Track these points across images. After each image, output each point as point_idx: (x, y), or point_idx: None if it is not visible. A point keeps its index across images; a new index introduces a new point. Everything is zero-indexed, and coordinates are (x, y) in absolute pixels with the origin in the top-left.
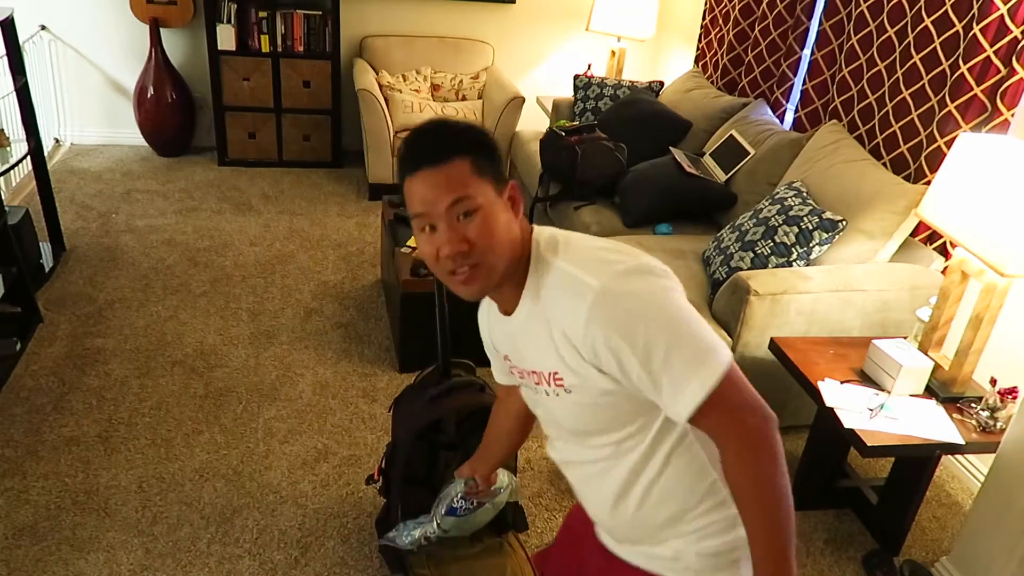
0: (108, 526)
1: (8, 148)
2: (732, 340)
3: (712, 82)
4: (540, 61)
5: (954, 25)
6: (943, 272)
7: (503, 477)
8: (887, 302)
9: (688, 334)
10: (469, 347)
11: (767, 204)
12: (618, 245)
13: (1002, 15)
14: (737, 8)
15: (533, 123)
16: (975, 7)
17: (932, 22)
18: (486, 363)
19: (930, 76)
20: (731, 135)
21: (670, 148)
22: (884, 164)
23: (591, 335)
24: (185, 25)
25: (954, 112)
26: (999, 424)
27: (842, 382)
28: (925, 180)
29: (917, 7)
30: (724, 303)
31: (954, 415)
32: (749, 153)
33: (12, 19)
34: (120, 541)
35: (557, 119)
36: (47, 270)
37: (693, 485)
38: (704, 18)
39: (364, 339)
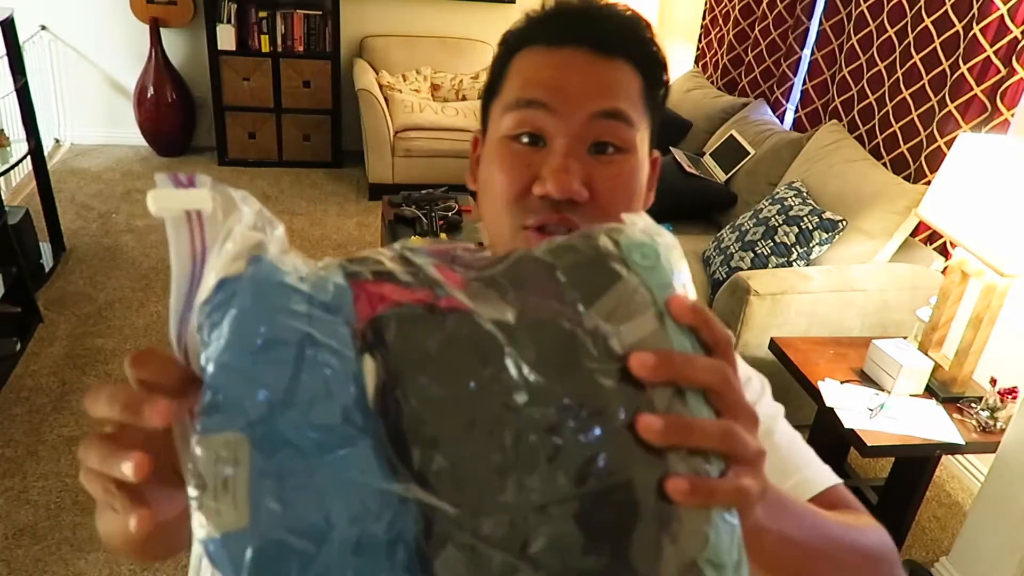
0: None
1: (8, 148)
2: (732, 340)
3: (712, 82)
4: None
5: (954, 25)
6: (943, 272)
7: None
8: (887, 302)
9: None
10: None
11: (767, 204)
12: None
13: (1002, 15)
14: (737, 8)
15: None
16: (975, 7)
17: (932, 22)
18: None
19: (930, 76)
20: (731, 135)
21: (670, 148)
22: (884, 164)
23: None
24: (185, 25)
25: (954, 112)
26: (999, 424)
27: (842, 382)
28: (925, 180)
29: (917, 7)
30: (724, 303)
31: (954, 415)
32: (749, 153)
33: (12, 19)
34: None
35: None
36: (47, 270)
37: None
38: (704, 18)
39: None
